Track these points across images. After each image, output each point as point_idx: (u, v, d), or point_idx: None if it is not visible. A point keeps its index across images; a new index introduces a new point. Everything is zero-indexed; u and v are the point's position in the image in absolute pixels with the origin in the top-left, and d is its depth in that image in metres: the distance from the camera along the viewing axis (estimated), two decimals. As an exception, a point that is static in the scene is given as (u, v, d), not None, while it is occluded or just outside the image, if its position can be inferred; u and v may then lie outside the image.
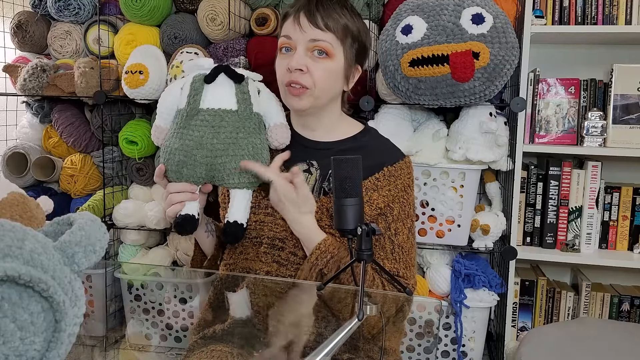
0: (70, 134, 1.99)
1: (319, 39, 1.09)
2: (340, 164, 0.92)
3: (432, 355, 0.95)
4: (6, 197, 0.70)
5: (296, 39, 1.10)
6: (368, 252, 0.89)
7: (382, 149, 1.22)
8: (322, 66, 1.10)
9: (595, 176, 1.84)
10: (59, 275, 0.48)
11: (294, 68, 1.09)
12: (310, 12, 1.09)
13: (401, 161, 1.19)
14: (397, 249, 1.15)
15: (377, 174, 1.15)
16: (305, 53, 1.10)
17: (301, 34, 1.09)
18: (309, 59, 1.10)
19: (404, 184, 1.17)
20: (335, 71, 1.12)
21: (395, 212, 1.15)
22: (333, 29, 1.10)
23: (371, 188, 1.13)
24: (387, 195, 1.14)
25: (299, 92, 1.11)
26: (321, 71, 1.10)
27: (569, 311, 1.95)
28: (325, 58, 1.10)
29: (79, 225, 0.52)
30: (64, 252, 0.50)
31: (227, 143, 1.09)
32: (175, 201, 1.11)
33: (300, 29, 1.09)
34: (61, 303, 0.47)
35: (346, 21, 1.12)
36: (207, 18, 1.86)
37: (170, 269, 1.90)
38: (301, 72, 1.09)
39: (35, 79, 1.88)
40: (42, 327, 0.46)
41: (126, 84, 1.80)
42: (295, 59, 1.09)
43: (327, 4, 1.11)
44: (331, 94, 1.15)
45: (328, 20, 1.09)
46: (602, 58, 2.01)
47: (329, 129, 1.21)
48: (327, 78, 1.11)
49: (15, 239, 0.47)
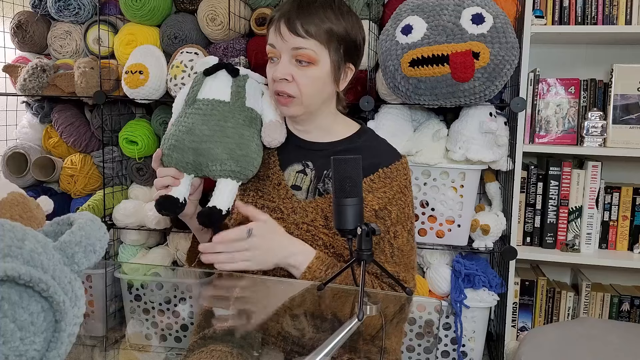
0: (70, 134, 1.99)
1: (300, 46, 1.08)
2: (340, 164, 0.92)
3: (432, 355, 0.95)
4: (6, 197, 0.70)
5: (279, 47, 1.10)
6: (368, 252, 0.88)
7: (377, 150, 1.21)
8: (307, 74, 1.09)
9: (595, 176, 1.84)
10: (59, 275, 0.48)
11: (278, 78, 1.09)
12: (290, 20, 1.08)
13: (397, 162, 1.18)
14: (396, 252, 1.14)
15: (372, 175, 1.15)
16: (290, 61, 1.10)
17: (283, 43, 1.08)
18: (294, 67, 1.09)
19: (400, 186, 1.16)
20: (321, 77, 1.11)
21: (394, 215, 1.14)
22: (315, 35, 1.08)
23: (366, 190, 1.13)
24: (382, 198, 1.14)
25: (286, 102, 1.11)
26: (306, 79, 1.09)
27: (569, 311, 1.95)
28: (309, 66, 1.09)
29: (79, 225, 0.52)
30: (64, 252, 0.50)
31: (214, 130, 1.12)
32: (159, 185, 1.15)
33: (281, 38, 1.08)
34: (61, 303, 0.47)
35: (330, 24, 1.09)
36: (207, 18, 1.86)
37: (170, 269, 1.90)
38: (286, 81, 1.10)
39: (35, 79, 1.88)
40: (42, 327, 0.46)
41: (126, 84, 1.80)
42: (279, 69, 1.09)
43: (308, 9, 1.09)
44: (320, 99, 1.14)
45: (308, 26, 1.07)
46: (602, 58, 2.01)
47: (324, 130, 1.20)
48: (313, 85, 1.11)
49: (15, 239, 0.47)
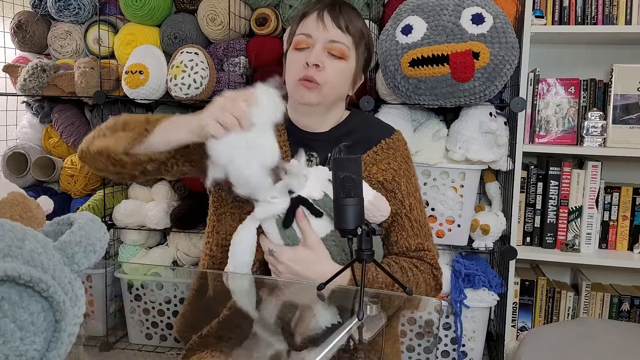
0: (70, 134, 1.99)
1: (338, 40, 1.12)
2: (340, 164, 0.92)
3: (432, 355, 0.95)
4: (6, 197, 0.70)
5: (317, 36, 1.13)
6: (368, 252, 0.88)
7: (376, 124, 1.27)
8: (337, 65, 1.13)
9: (595, 176, 1.84)
10: (59, 275, 0.48)
11: (312, 63, 1.11)
12: (334, 11, 1.13)
13: (396, 133, 1.23)
14: (415, 224, 1.17)
15: (375, 147, 1.18)
16: (322, 51, 1.13)
17: (323, 32, 1.12)
18: (326, 57, 1.13)
19: (403, 156, 1.20)
20: (347, 72, 1.16)
21: (403, 187, 1.17)
22: (352, 33, 1.14)
23: (370, 162, 1.16)
24: (387, 169, 1.17)
25: (311, 86, 1.13)
26: (334, 70, 1.13)
27: (569, 311, 1.95)
28: (339, 59, 1.14)
29: (79, 225, 0.52)
30: (64, 252, 0.50)
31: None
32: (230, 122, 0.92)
33: (323, 27, 1.12)
34: (61, 303, 0.47)
35: (362, 27, 1.16)
36: (207, 18, 1.86)
37: (171, 269, 1.90)
38: (317, 67, 1.12)
39: (35, 79, 1.88)
40: (42, 327, 0.46)
41: (126, 84, 1.81)
42: (314, 55, 1.11)
43: (347, 7, 1.16)
44: (338, 94, 1.17)
45: (349, 22, 1.13)
46: (602, 58, 2.01)
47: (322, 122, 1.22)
48: (339, 77, 1.15)
49: (15, 238, 0.47)
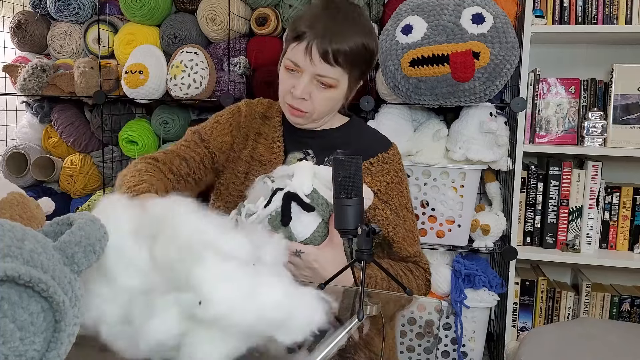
0: (70, 134, 1.99)
1: (326, 75, 1.09)
2: (340, 164, 0.92)
3: (432, 355, 0.95)
4: (6, 197, 0.70)
5: (304, 67, 1.09)
6: (368, 252, 0.88)
7: (374, 136, 1.28)
8: (324, 95, 1.12)
9: (596, 176, 1.84)
10: (59, 275, 0.48)
11: (298, 97, 1.11)
12: (324, 42, 1.06)
13: (392, 148, 1.24)
14: (409, 234, 1.20)
15: (371, 159, 1.19)
16: (310, 81, 1.11)
17: (310, 66, 1.09)
18: (314, 87, 1.11)
19: (396, 170, 1.21)
20: (336, 98, 1.15)
21: (396, 200, 1.19)
22: (342, 64, 1.08)
23: (365, 172, 1.17)
24: (381, 181, 1.18)
25: (298, 114, 1.14)
26: (322, 100, 1.12)
27: (569, 311, 1.95)
28: (328, 88, 1.12)
29: (78, 225, 0.52)
30: (63, 252, 0.50)
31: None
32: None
33: (310, 61, 1.08)
34: (61, 303, 0.47)
35: (356, 46, 1.08)
36: (207, 18, 1.86)
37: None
38: (303, 99, 1.12)
39: (35, 78, 1.88)
40: (42, 327, 0.46)
41: (126, 84, 1.80)
42: (299, 88, 1.10)
43: (340, 28, 1.08)
44: (329, 113, 1.19)
45: (339, 55, 1.07)
46: (602, 58, 2.00)
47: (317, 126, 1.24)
48: (327, 104, 1.14)
49: (15, 239, 0.46)
